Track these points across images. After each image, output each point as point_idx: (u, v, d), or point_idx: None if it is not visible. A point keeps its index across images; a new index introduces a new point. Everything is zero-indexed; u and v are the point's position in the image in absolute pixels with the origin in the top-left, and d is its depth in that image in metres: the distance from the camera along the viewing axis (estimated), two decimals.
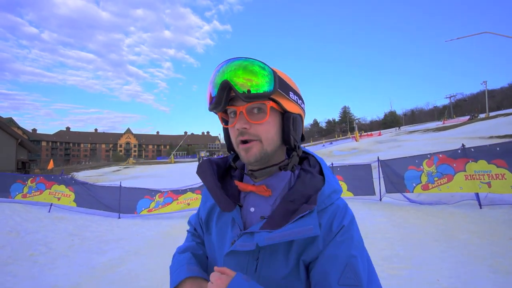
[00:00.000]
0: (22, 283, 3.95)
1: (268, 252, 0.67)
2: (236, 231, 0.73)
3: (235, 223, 0.74)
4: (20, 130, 56.02)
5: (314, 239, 0.65)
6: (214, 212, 0.81)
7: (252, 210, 0.74)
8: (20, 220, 6.79)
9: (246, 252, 0.68)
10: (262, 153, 0.69)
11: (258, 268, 0.68)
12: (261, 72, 0.66)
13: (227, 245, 0.73)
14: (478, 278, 3.05)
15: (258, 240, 0.65)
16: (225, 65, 0.68)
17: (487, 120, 29.22)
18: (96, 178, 24.61)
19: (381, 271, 3.44)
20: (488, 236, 4.37)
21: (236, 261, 0.70)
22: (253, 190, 0.74)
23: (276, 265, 0.67)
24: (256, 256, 0.68)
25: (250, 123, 0.68)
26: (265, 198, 0.74)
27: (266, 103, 0.68)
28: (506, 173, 5.60)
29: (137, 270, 4.24)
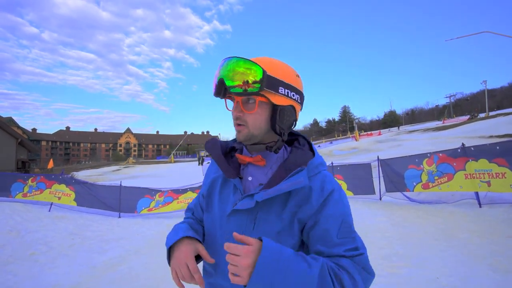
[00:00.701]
0: (22, 282, 3.96)
1: (265, 211, 0.82)
2: (238, 195, 0.86)
3: (237, 189, 0.87)
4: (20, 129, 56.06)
5: (308, 199, 0.80)
6: (216, 184, 0.94)
7: (250, 179, 0.89)
8: (20, 220, 6.80)
9: (246, 212, 0.82)
10: (249, 136, 0.86)
11: (256, 226, 0.82)
12: (251, 73, 0.79)
13: (229, 208, 0.86)
14: (478, 276, 3.06)
15: (257, 198, 0.78)
16: (224, 63, 0.82)
17: (487, 120, 29.21)
18: (96, 177, 24.61)
19: (380, 269, 3.45)
20: (488, 235, 4.38)
21: (236, 221, 0.84)
22: (250, 161, 0.90)
23: (271, 222, 0.81)
24: (254, 215, 0.82)
25: (243, 112, 0.84)
26: (261, 168, 0.89)
27: (255, 98, 0.83)
28: (507, 172, 5.61)
29: (137, 269, 4.24)
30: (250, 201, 0.80)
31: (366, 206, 7.32)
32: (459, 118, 47.11)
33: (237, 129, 0.87)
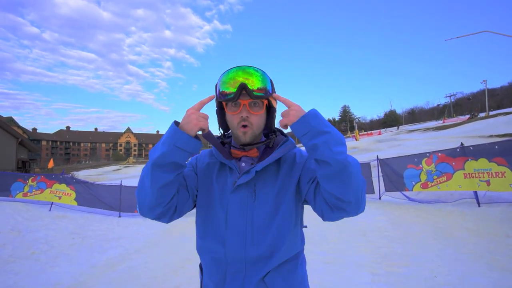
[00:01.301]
0: (23, 281, 3.98)
1: (262, 183, 0.97)
2: (235, 175, 0.99)
3: (233, 170, 1.01)
4: (20, 129, 56.07)
5: (294, 162, 1.01)
6: (213, 168, 1.05)
7: (243, 165, 1.03)
8: (21, 219, 6.82)
9: (245, 186, 0.96)
10: (253, 135, 0.99)
11: (256, 195, 0.96)
12: (264, 80, 0.95)
13: (229, 188, 0.98)
14: (475, 275, 3.08)
15: (256, 168, 0.95)
16: (240, 70, 0.94)
17: (487, 119, 29.19)
18: (96, 177, 24.64)
19: (379, 268, 3.47)
20: (486, 234, 4.39)
21: (239, 196, 0.96)
22: (246, 154, 1.03)
23: (268, 191, 0.97)
24: (253, 188, 0.97)
25: (251, 113, 0.96)
26: (252, 158, 1.04)
27: (263, 101, 0.99)
28: (506, 171, 5.63)
29: (137, 268, 4.27)
30: (249, 174, 0.95)
31: (366, 205, 7.27)
32: (459, 118, 47.06)
33: (242, 130, 0.97)
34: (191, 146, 0.88)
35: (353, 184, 0.81)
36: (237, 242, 0.93)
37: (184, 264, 4.20)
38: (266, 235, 0.93)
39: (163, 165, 0.86)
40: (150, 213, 0.92)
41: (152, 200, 0.89)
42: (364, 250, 4.16)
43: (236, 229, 0.94)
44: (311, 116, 0.85)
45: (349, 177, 0.80)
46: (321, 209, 0.91)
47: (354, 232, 5.14)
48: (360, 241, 4.59)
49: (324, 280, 3.20)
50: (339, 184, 0.81)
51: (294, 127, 0.86)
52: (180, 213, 0.98)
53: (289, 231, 0.96)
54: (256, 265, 0.92)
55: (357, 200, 0.84)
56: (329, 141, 0.81)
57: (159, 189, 0.87)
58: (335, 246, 4.46)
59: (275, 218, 0.95)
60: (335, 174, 0.80)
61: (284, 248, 0.94)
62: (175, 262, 4.36)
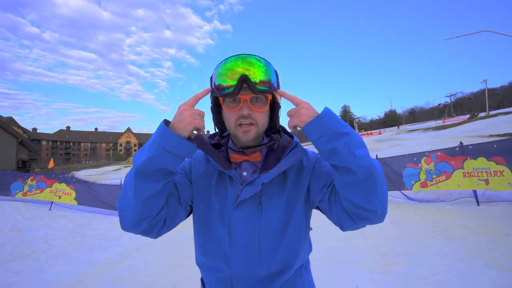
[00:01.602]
0: (23, 280, 3.99)
1: (268, 195, 0.85)
2: (236, 186, 0.86)
3: (233, 180, 0.87)
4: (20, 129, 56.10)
5: (302, 168, 0.89)
6: (211, 178, 0.91)
7: (245, 174, 0.89)
8: (21, 218, 6.84)
9: (251, 200, 0.84)
10: (257, 134, 0.86)
11: (262, 209, 0.84)
12: (269, 72, 0.81)
13: (230, 202, 0.86)
14: (474, 273, 3.09)
15: (262, 180, 0.82)
16: (239, 60, 0.80)
17: (487, 119, 29.18)
18: (97, 177, 24.64)
19: (377, 266, 3.48)
20: (485, 232, 4.40)
21: (243, 211, 0.84)
22: (247, 159, 0.90)
23: (275, 204, 0.85)
24: (258, 201, 0.84)
25: (253, 110, 0.82)
26: (254, 164, 0.90)
27: (267, 96, 0.85)
28: (505, 170, 5.64)
29: (137, 267, 4.28)
30: (254, 187, 0.82)
31: None
32: (460, 118, 47.05)
33: (245, 129, 0.83)
34: (183, 149, 0.73)
35: (379, 191, 0.72)
36: (243, 261, 0.83)
37: (183, 261, 4.21)
38: (276, 252, 0.83)
39: (149, 172, 0.71)
40: (134, 228, 0.78)
41: (136, 214, 0.74)
42: (363, 248, 4.16)
43: (242, 248, 0.83)
44: (327, 116, 0.73)
45: (375, 184, 0.71)
46: (339, 219, 0.81)
47: (353, 231, 5.14)
48: (359, 240, 4.60)
49: (323, 278, 3.21)
50: (363, 193, 0.71)
51: (307, 128, 0.74)
52: (170, 226, 0.85)
53: (300, 244, 0.87)
54: (266, 282, 0.83)
55: (383, 208, 0.75)
56: (351, 143, 0.70)
57: (144, 201, 0.73)
58: (334, 244, 4.47)
59: (285, 232, 0.84)
60: (360, 182, 0.70)
61: (297, 262, 0.87)
62: (174, 260, 4.37)
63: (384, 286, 2.96)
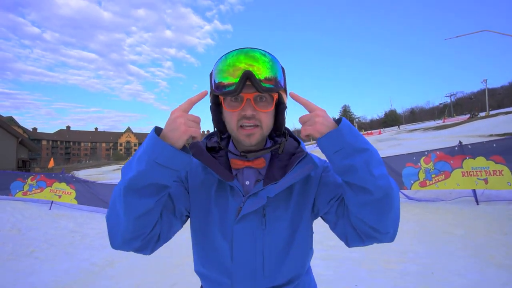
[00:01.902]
0: (23, 278, 4.01)
1: (272, 208, 0.79)
2: (238, 198, 0.79)
3: (235, 191, 0.79)
4: (20, 129, 56.16)
5: (308, 178, 0.82)
6: (209, 189, 0.82)
7: (247, 183, 0.82)
8: (21, 218, 6.85)
9: (254, 213, 0.77)
10: (261, 137, 0.78)
11: (267, 225, 0.78)
12: (275, 68, 0.73)
13: (231, 214, 0.79)
14: (472, 271, 3.10)
15: (268, 193, 0.75)
16: (242, 54, 0.72)
17: (487, 119, 29.18)
18: (97, 176, 24.68)
19: (376, 264, 3.49)
20: (484, 231, 4.41)
21: (246, 225, 0.78)
22: (250, 165, 0.82)
23: (281, 217, 0.79)
24: (262, 213, 0.78)
25: (257, 111, 0.74)
26: (257, 170, 0.83)
27: (273, 95, 0.76)
28: (504, 169, 5.65)
29: (137, 266, 4.29)
30: (258, 199, 0.76)
31: None
32: (460, 117, 47.05)
33: (248, 132, 0.75)
34: (178, 162, 0.64)
35: (393, 213, 0.68)
36: (246, 275, 0.78)
37: (182, 261, 4.22)
38: (281, 266, 0.79)
39: (140, 188, 0.63)
40: (125, 246, 0.70)
41: (127, 232, 0.67)
42: (362, 247, 4.17)
43: (245, 263, 0.78)
44: (345, 128, 0.65)
45: (390, 206, 0.67)
46: (346, 234, 0.77)
47: None
48: None
49: (321, 276, 3.22)
50: (377, 213, 0.67)
51: (323, 141, 0.66)
52: (165, 239, 0.78)
53: (306, 255, 0.84)
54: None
55: (395, 230, 0.71)
56: (370, 161, 0.64)
57: (136, 219, 0.65)
58: (333, 243, 4.47)
59: (291, 246, 0.80)
60: (375, 202, 0.66)
61: (300, 273, 0.83)
62: (174, 260, 4.38)
63: (383, 284, 2.97)
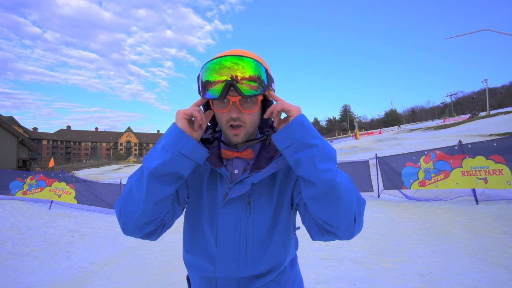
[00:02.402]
0: (22, 277, 4.01)
1: (257, 196, 0.84)
2: (226, 185, 0.85)
3: (223, 178, 0.86)
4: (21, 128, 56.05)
5: (290, 172, 0.86)
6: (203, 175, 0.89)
7: (236, 172, 0.88)
8: (20, 217, 6.86)
9: (239, 200, 0.83)
10: (247, 136, 0.84)
11: (251, 209, 0.84)
12: (258, 71, 0.76)
13: (219, 200, 0.85)
14: (471, 270, 3.09)
15: (252, 180, 0.81)
16: (227, 60, 0.74)
17: (487, 118, 29.14)
18: (97, 176, 24.70)
19: (375, 264, 3.49)
20: (484, 230, 4.40)
21: (231, 210, 0.83)
22: (239, 156, 0.88)
23: (264, 205, 0.84)
24: (247, 200, 0.84)
25: (242, 112, 0.80)
26: (246, 161, 0.89)
27: (258, 97, 0.80)
28: (504, 169, 5.64)
29: (135, 265, 4.29)
30: (243, 186, 0.81)
31: None
32: (460, 117, 46.99)
33: (233, 132, 0.81)
34: (198, 154, 0.74)
35: (342, 208, 0.70)
36: (229, 262, 0.82)
37: (181, 260, 4.22)
38: (263, 254, 0.83)
39: (163, 175, 0.71)
40: (137, 231, 0.77)
41: (144, 216, 0.74)
42: (361, 246, 4.17)
43: (228, 248, 0.82)
44: (296, 125, 0.71)
45: (337, 200, 0.69)
46: (309, 228, 0.81)
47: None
48: (357, 238, 4.60)
49: (320, 276, 3.22)
50: (325, 207, 0.71)
51: (276, 137, 0.73)
52: (169, 226, 0.86)
53: (288, 245, 0.87)
54: (251, 281, 0.84)
55: (348, 226, 0.73)
56: (316, 156, 0.69)
57: (155, 204, 0.73)
58: (332, 242, 4.47)
59: (274, 233, 0.84)
60: (321, 196, 0.70)
61: (282, 262, 0.86)
62: (172, 259, 4.39)
63: (381, 283, 2.96)
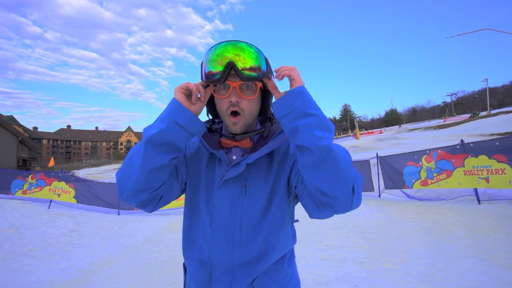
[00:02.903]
0: (21, 277, 3.98)
1: (253, 178, 0.86)
2: (223, 167, 0.88)
3: (222, 162, 0.89)
4: (21, 128, 56.08)
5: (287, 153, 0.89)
6: (202, 158, 0.93)
7: (234, 158, 0.91)
8: (19, 216, 6.82)
9: (235, 181, 0.85)
10: (245, 125, 0.87)
11: (247, 193, 0.86)
12: (258, 58, 0.79)
13: (216, 182, 0.88)
14: (473, 271, 3.05)
15: (247, 161, 0.83)
16: (230, 46, 0.78)
17: (488, 118, 29.08)
18: (97, 176, 24.71)
19: (376, 264, 3.45)
20: (486, 230, 4.37)
21: (227, 192, 0.86)
22: (237, 145, 0.91)
23: (260, 188, 0.86)
24: (244, 183, 0.86)
25: (242, 98, 0.83)
26: (244, 149, 0.91)
27: (257, 83, 0.84)
28: (506, 168, 5.60)
29: (135, 265, 4.26)
30: (239, 167, 0.84)
31: (365, 203, 7.31)
32: (461, 117, 46.90)
33: (232, 120, 0.84)
34: (194, 126, 0.78)
35: (340, 176, 0.71)
36: (223, 243, 0.84)
37: (181, 260, 4.17)
38: (256, 236, 0.84)
39: (159, 144, 0.75)
40: (132, 197, 0.80)
41: (139, 183, 0.76)
42: (362, 246, 4.13)
43: (223, 229, 0.84)
44: (295, 94, 0.74)
45: (334, 167, 0.70)
46: (306, 204, 0.82)
47: (352, 229, 5.11)
48: (358, 238, 4.57)
49: (320, 276, 3.18)
50: (324, 174, 0.71)
51: (275, 106, 0.76)
52: (166, 202, 0.88)
53: (282, 231, 0.88)
54: (245, 268, 0.84)
55: (346, 196, 0.72)
56: (313, 124, 0.71)
57: (150, 171, 0.76)
58: (332, 242, 4.43)
59: (267, 217, 0.86)
60: (318, 163, 0.71)
61: (277, 250, 0.86)
62: (172, 259, 4.35)
63: (383, 284, 2.93)
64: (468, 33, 18.60)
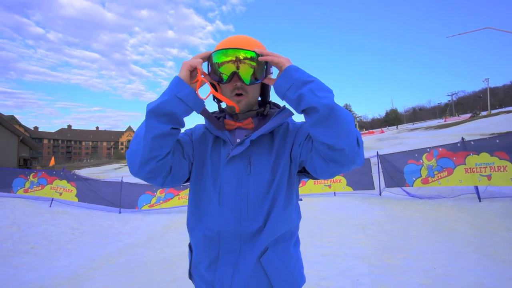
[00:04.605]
0: (22, 274, 3.98)
1: (257, 155, 0.94)
2: (228, 147, 0.96)
3: (227, 143, 0.97)
4: (21, 127, 56.18)
5: (287, 131, 0.98)
6: (207, 143, 1.01)
7: (238, 140, 0.97)
8: (21, 215, 6.84)
9: (240, 158, 0.93)
10: (247, 104, 0.98)
11: (251, 168, 0.93)
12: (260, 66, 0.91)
13: (222, 161, 0.95)
14: (475, 266, 3.05)
15: (251, 137, 0.92)
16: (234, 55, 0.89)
17: (488, 118, 29.03)
18: (98, 175, 24.66)
19: (377, 260, 3.45)
20: (487, 227, 4.36)
21: (233, 168, 0.93)
22: (240, 125, 1.00)
23: (263, 164, 0.94)
24: (248, 160, 0.93)
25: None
26: (247, 130, 1.00)
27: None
28: (508, 165, 5.60)
29: (136, 262, 4.26)
30: (244, 145, 0.92)
31: (366, 201, 7.31)
32: (463, 116, 46.79)
33: (236, 98, 0.94)
34: (192, 100, 0.85)
35: (344, 129, 0.78)
36: (232, 217, 0.89)
37: (181, 257, 4.19)
38: (261, 209, 0.91)
39: (160, 114, 0.82)
40: (142, 167, 0.84)
41: (146, 151, 0.82)
42: (363, 243, 4.13)
43: (231, 205, 0.90)
44: (291, 70, 0.84)
45: (338, 121, 0.77)
46: (314, 165, 0.86)
47: (354, 226, 5.12)
48: (359, 235, 4.57)
49: (322, 272, 3.18)
50: (329, 130, 0.77)
51: (277, 84, 0.85)
52: (175, 176, 0.92)
53: (286, 204, 0.93)
54: (251, 241, 0.89)
55: (351, 148, 0.78)
56: (314, 88, 0.80)
57: (154, 138, 0.81)
58: (334, 239, 4.43)
59: (271, 190, 0.92)
60: (324, 119, 0.78)
61: (281, 221, 0.91)
62: (173, 256, 4.35)
63: (384, 279, 2.93)
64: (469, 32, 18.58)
